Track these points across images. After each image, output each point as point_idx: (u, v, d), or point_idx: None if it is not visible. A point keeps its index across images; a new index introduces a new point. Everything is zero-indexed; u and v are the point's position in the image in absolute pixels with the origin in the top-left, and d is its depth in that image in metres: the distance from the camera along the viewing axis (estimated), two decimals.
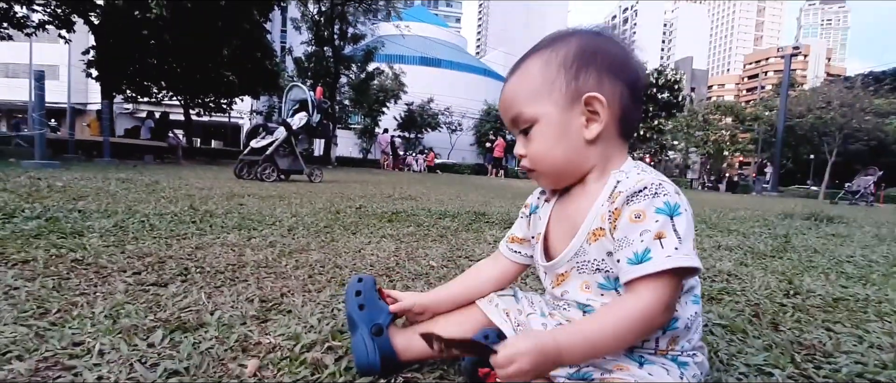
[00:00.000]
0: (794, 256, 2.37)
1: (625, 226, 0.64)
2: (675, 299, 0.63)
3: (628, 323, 0.61)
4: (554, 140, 0.73)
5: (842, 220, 4.73)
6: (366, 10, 22.61)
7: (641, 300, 0.61)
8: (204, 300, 1.17)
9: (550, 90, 0.72)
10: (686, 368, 0.68)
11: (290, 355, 0.89)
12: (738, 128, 35.13)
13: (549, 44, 0.75)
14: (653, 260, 0.60)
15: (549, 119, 0.72)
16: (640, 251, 0.61)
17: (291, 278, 1.44)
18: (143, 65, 14.20)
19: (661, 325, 0.64)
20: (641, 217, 0.63)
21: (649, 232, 0.62)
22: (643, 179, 0.65)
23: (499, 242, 0.96)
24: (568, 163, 0.74)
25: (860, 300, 1.55)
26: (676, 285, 0.63)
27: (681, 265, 0.60)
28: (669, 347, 0.69)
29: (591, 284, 0.72)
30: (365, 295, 0.87)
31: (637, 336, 0.63)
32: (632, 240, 0.63)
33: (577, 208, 0.74)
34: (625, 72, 0.72)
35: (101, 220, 2.18)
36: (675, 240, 0.61)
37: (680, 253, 0.60)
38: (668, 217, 0.62)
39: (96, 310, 1.05)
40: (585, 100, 0.70)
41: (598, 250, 0.69)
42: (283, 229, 2.31)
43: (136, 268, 1.42)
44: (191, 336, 0.94)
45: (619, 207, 0.65)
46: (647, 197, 0.63)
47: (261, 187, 4.97)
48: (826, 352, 1.07)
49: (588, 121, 0.71)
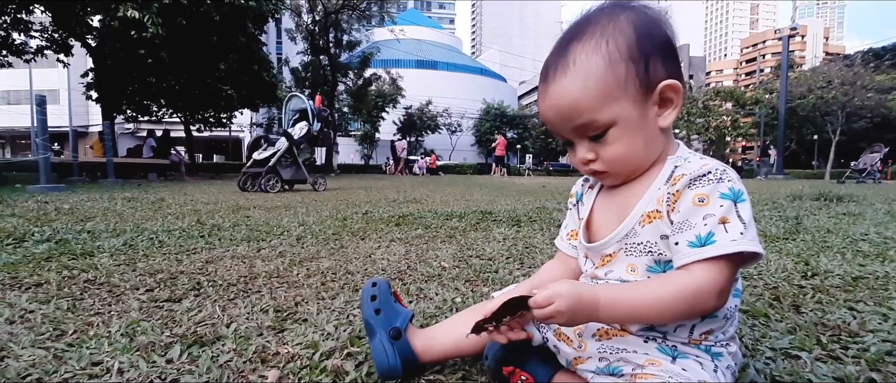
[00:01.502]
0: (808, 237, 2.35)
1: (687, 209, 0.62)
2: (729, 287, 0.62)
3: (677, 298, 0.60)
4: (635, 138, 0.67)
5: (852, 199, 4.69)
6: (360, 17, 22.69)
7: (696, 279, 0.60)
8: (219, 313, 1.16)
9: (625, 88, 0.65)
10: (720, 359, 0.66)
11: (309, 364, 0.88)
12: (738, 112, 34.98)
13: (598, 29, 0.67)
14: (716, 243, 0.59)
15: (628, 119, 0.66)
16: (703, 234, 0.60)
17: (304, 287, 1.43)
18: (141, 84, 14.26)
19: (709, 310, 0.62)
20: (705, 201, 0.61)
21: (713, 216, 0.60)
22: (707, 164, 0.64)
23: (556, 240, 0.89)
24: (647, 158, 0.70)
25: (880, 277, 1.53)
26: (733, 272, 0.61)
27: (746, 249, 0.59)
28: (703, 337, 0.67)
29: (637, 267, 0.69)
30: (380, 299, 0.86)
31: (682, 313, 0.62)
32: (694, 224, 0.61)
33: (629, 192, 0.72)
34: (675, 47, 0.70)
35: (110, 240, 2.18)
36: (740, 225, 0.60)
37: (745, 238, 0.59)
38: (733, 202, 0.61)
39: (112, 329, 1.04)
40: (661, 90, 0.66)
41: (651, 232, 0.67)
42: (292, 239, 2.30)
43: (148, 285, 1.42)
44: (208, 350, 0.93)
45: (680, 190, 0.64)
46: (712, 181, 0.62)
47: (266, 198, 4.98)
48: (851, 332, 1.05)
49: (661, 108, 0.68)
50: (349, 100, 26.82)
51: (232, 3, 11.00)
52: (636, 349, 0.67)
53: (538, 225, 2.86)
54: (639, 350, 0.67)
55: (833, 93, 24.27)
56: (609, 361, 0.69)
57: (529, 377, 0.76)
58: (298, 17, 22.32)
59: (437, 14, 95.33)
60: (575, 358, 0.73)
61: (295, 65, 24.06)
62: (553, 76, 0.68)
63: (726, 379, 0.65)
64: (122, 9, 9.67)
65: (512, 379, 0.77)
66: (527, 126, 41.74)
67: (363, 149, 35.41)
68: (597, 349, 0.70)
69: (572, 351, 0.73)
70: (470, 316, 0.90)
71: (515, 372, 0.77)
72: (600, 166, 0.70)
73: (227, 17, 11.27)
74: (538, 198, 5.27)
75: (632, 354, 0.67)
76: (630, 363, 0.66)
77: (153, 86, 14.41)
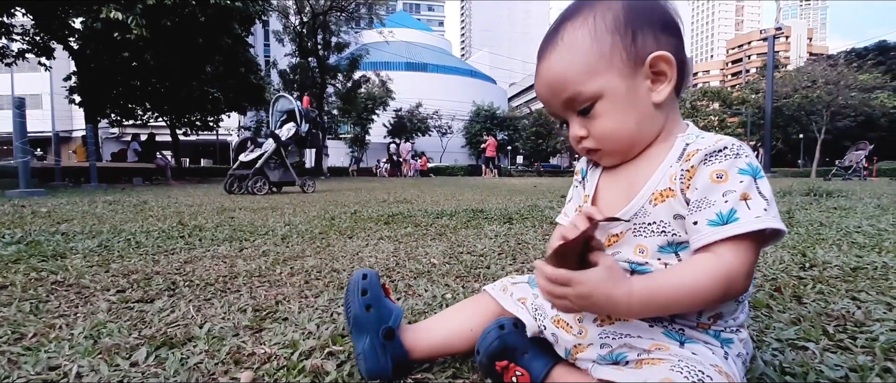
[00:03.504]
0: (802, 230, 2.33)
1: (705, 186, 0.59)
2: (755, 266, 0.58)
3: (709, 283, 0.55)
4: (624, 112, 0.65)
5: (841, 194, 4.71)
6: (348, 19, 22.57)
7: (724, 261, 0.56)
8: (192, 313, 1.09)
9: (610, 60, 0.64)
10: (730, 345, 0.61)
11: (287, 364, 0.81)
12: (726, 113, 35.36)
13: (587, 8, 0.66)
14: (740, 220, 0.55)
15: (614, 92, 0.64)
16: (724, 212, 0.56)
17: (287, 285, 1.36)
18: (126, 87, 13.99)
19: (739, 293, 0.58)
20: (724, 177, 0.58)
21: (734, 192, 0.57)
22: (723, 139, 0.61)
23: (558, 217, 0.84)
24: (640, 134, 0.67)
25: (879, 268, 1.50)
26: (758, 250, 0.58)
27: (771, 226, 0.56)
28: (711, 321, 0.62)
29: (647, 248, 0.64)
30: (371, 293, 0.78)
31: (715, 299, 0.57)
32: (714, 201, 0.57)
33: (636, 171, 0.68)
34: (674, 23, 0.67)
35: (84, 241, 2.09)
36: (763, 201, 0.56)
37: (769, 214, 0.56)
38: (753, 178, 0.57)
39: (75, 332, 0.97)
40: (650, 62, 0.63)
41: (664, 212, 0.63)
42: (277, 238, 2.23)
43: (120, 286, 1.34)
44: (178, 351, 0.86)
45: (695, 165, 0.60)
46: (729, 157, 0.58)
47: (252, 200, 4.88)
48: (857, 322, 1.01)
49: (654, 84, 0.65)
50: (339, 103, 26.64)
51: (217, 5, 10.83)
52: (641, 334, 0.62)
53: (530, 222, 2.81)
54: (643, 335, 0.62)
55: (817, 92, 24.58)
56: (611, 348, 0.64)
57: (525, 372, 0.70)
58: (286, 19, 22.12)
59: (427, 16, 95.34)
60: (575, 346, 0.67)
61: (283, 67, 23.83)
62: (544, 54, 0.69)
63: (737, 368, 0.60)
64: (105, 10, 9.49)
65: (506, 376, 0.71)
66: (517, 127, 41.81)
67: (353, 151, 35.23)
68: (598, 334, 0.65)
69: (572, 338, 0.68)
70: (460, 311, 0.85)
71: (509, 367, 0.71)
72: (592, 143, 0.69)
73: (212, 18, 11.09)
74: (530, 197, 5.23)
75: (636, 339, 0.62)
76: (635, 349, 0.62)
77: (138, 89, 14.17)
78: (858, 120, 25.75)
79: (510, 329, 0.73)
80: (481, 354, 0.73)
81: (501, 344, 0.71)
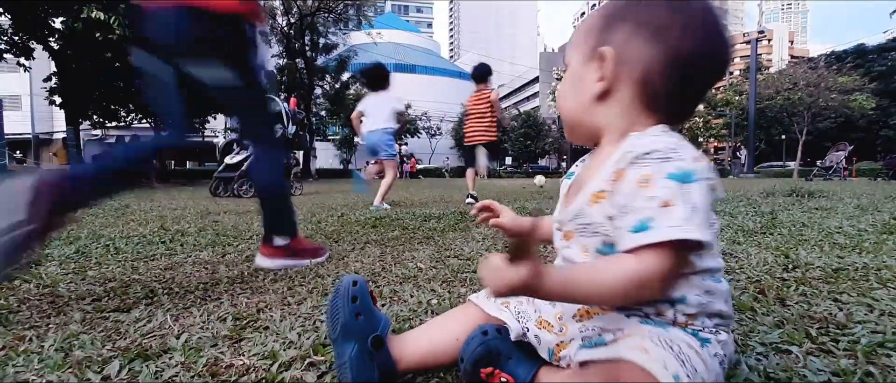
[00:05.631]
0: (784, 231, 2.36)
1: (630, 190, 0.57)
2: (677, 273, 0.56)
3: (621, 284, 0.55)
4: (569, 89, 0.71)
5: (822, 194, 4.79)
6: (336, 20, 22.45)
7: (643, 265, 0.54)
8: (170, 323, 1.06)
9: (585, 39, 0.69)
10: (708, 345, 0.61)
11: (266, 376, 0.79)
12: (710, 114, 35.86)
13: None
14: (656, 229, 0.54)
15: (573, 69, 0.71)
16: (644, 218, 0.55)
17: (269, 292, 1.33)
18: (108, 88, 13.76)
19: (655, 297, 0.58)
20: (649, 182, 0.56)
21: (656, 198, 0.55)
22: (656, 142, 0.58)
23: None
24: (575, 116, 0.71)
25: (859, 269, 1.51)
26: (680, 259, 0.56)
27: (685, 237, 0.53)
28: (688, 322, 0.62)
29: (589, 247, 0.66)
30: (362, 301, 0.76)
31: (624, 297, 0.57)
32: (636, 207, 0.56)
33: (590, 171, 0.70)
34: (668, 37, 0.63)
35: (61, 248, 2.03)
36: (686, 209, 0.54)
37: (690, 223, 0.53)
38: (680, 184, 0.55)
39: (46, 344, 0.93)
40: (599, 55, 0.66)
41: (599, 213, 0.63)
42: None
43: (96, 295, 1.30)
44: (153, 364, 0.84)
45: (623, 168, 0.59)
46: (657, 161, 0.56)
47: (238, 203, 4.81)
48: (839, 324, 1.01)
49: (600, 78, 0.66)
50: (326, 104, 26.48)
51: None
52: (619, 324, 0.63)
53: None
54: (621, 324, 0.63)
55: (799, 94, 25.03)
56: (590, 338, 0.64)
57: (510, 378, 0.69)
58: (273, 20, 21.93)
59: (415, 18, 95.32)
60: (557, 344, 0.68)
61: (270, 68, 23.63)
62: None
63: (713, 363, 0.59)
64: (87, 10, 9.31)
65: (491, 381, 0.70)
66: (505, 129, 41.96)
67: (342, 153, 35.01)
68: (578, 330, 0.66)
69: (553, 337, 0.68)
70: (447, 321, 0.83)
71: (494, 373, 0.70)
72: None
73: None
74: (518, 198, 5.24)
75: (615, 326, 0.63)
76: (612, 332, 0.63)
77: (121, 90, 13.93)
78: (838, 121, 26.31)
79: (494, 334, 0.72)
80: (465, 361, 0.71)
81: (485, 349, 0.70)
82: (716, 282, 0.65)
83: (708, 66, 0.65)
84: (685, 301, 0.62)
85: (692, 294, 0.63)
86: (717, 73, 0.67)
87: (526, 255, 0.56)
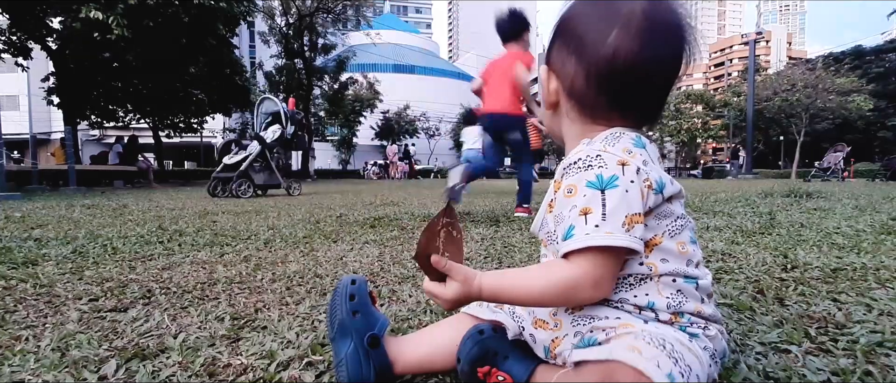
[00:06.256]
0: (783, 231, 2.36)
1: (561, 199, 0.62)
2: (608, 277, 0.59)
3: (551, 287, 0.59)
4: (543, 92, 0.74)
5: (820, 195, 4.80)
6: (335, 20, 22.43)
7: (571, 270, 0.59)
8: (167, 323, 1.05)
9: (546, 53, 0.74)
10: (696, 339, 0.61)
11: (263, 376, 0.79)
12: (708, 115, 35.95)
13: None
14: (575, 237, 0.57)
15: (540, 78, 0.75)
16: (568, 226, 0.59)
17: (267, 292, 1.33)
18: (106, 88, 13.72)
19: (588, 301, 0.61)
20: (573, 191, 0.60)
21: (577, 207, 0.59)
22: (583, 151, 0.62)
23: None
24: (547, 126, 0.75)
25: (858, 269, 1.51)
26: (608, 263, 0.58)
27: (595, 244, 0.56)
28: (673, 320, 0.62)
29: (553, 254, 0.68)
30: (359, 299, 0.76)
31: (555, 301, 0.62)
32: (565, 215, 0.60)
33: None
34: (590, 49, 0.63)
35: (58, 247, 2.02)
36: (598, 217, 0.57)
37: (600, 231, 0.56)
38: (599, 191, 0.58)
39: (43, 344, 0.93)
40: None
41: (552, 221, 0.66)
42: (259, 243, 2.19)
43: (93, 295, 1.29)
44: (150, 363, 0.83)
45: (558, 179, 0.63)
46: (580, 169, 0.60)
47: (236, 204, 4.80)
48: (838, 324, 1.01)
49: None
50: (325, 105, 26.46)
51: (201, 5, 10.68)
52: (608, 316, 0.63)
53: (517, 224, 2.80)
54: (610, 316, 0.63)
55: (797, 95, 25.07)
56: (583, 334, 0.64)
57: (507, 376, 0.69)
58: (271, 20, 21.90)
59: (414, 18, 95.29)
60: (553, 340, 0.68)
61: (269, 68, 23.58)
62: None
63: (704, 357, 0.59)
64: (85, 10, 9.28)
65: (488, 380, 0.70)
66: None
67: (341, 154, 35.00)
68: (571, 322, 0.66)
69: (548, 334, 0.68)
70: (445, 327, 0.82)
71: (491, 372, 0.70)
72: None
73: (196, 19, 10.94)
74: None
75: (603, 320, 0.63)
76: (603, 330, 0.62)
77: (119, 90, 13.92)
78: (836, 122, 26.35)
79: (490, 333, 0.72)
80: (462, 361, 0.71)
81: (481, 348, 0.70)
82: (688, 283, 0.64)
83: (643, 67, 0.62)
84: (653, 306, 0.62)
85: (661, 298, 0.62)
86: (660, 71, 0.64)
87: (435, 272, 0.64)
